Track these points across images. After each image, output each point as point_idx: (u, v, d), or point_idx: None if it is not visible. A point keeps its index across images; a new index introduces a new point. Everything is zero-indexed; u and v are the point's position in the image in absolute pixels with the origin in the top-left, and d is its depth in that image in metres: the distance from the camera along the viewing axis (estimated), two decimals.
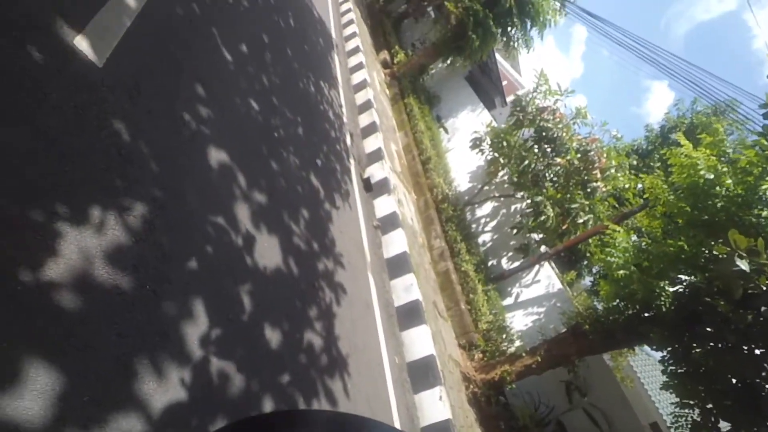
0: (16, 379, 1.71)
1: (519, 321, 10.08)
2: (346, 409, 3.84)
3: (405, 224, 7.41)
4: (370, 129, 8.90)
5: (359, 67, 10.75)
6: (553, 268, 10.95)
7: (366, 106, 9.49)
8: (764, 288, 4.50)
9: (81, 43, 2.76)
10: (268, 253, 3.81)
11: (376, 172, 7.76)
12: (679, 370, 5.74)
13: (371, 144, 8.55)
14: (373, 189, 7.50)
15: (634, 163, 12.51)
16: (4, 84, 2.21)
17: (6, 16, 2.37)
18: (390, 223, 7.04)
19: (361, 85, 10.11)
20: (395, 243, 6.79)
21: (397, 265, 6.51)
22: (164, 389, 2.26)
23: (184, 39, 4.02)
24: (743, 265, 4.48)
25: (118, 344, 2.14)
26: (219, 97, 4.16)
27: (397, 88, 13.49)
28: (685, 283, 6.05)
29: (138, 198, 2.66)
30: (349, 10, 12.85)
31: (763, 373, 4.99)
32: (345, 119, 8.19)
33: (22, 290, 1.87)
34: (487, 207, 12.41)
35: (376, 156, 8.21)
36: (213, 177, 3.56)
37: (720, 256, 5.05)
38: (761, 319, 4.78)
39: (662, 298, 5.86)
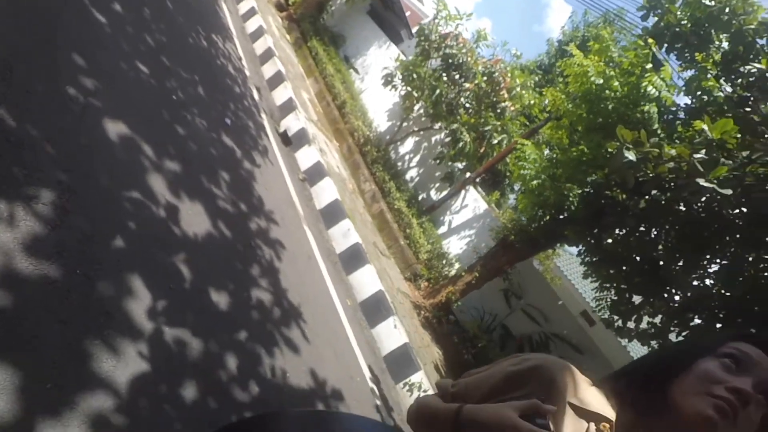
0: None
1: (455, 245, 10.66)
2: (310, 352, 3.98)
3: (332, 172, 7.33)
4: (277, 79, 8.41)
5: (252, 13, 9.90)
6: (478, 191, 11.53)
7: (267, 55, 8.88)
8: (651, 174, 5.04)
9: None
10: (195, 219, 3.68)
11: (291, 124, 7.46)
12: (594, 259, 6.41)
13: (281, 95, 8.12)
14: (291, 142, 7.25)
15: (537, 79, 13.15)
16: None
17: None
18: (316, 173, 6.92)
19: (258, 33, 9.37)
20: (325, 192, 6.74)
21: (332, 214, 6.52)
22: (124, 364, 2.30)
23: (49, 8, 3.51)
24: (631, 155, 4.70)
25: (64, 331, 2.16)
26: (102, 65, 3.74)
27: (297, 32, 12.69)
28: (589, 183, 6.74)
29: (42, 184, 2.49)
30: None
31: (660, 249, 5.70)
32: (248, 72, 7.65)
33: None
34: (409, 143, 12.53)
35: (288, 107, 7.85)
36: (117, 151, 3.30)
37: (613, 152, 5.61)
38: (653, 202, 5.35)
39: (571, 199, 6.39)
